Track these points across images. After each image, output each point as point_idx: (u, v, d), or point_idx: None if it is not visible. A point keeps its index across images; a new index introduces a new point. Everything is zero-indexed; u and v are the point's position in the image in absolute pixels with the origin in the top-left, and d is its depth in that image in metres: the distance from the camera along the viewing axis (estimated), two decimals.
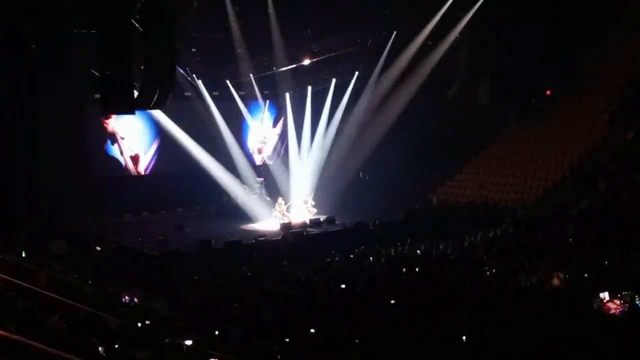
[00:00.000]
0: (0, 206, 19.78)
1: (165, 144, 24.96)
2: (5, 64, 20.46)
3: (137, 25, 16.26)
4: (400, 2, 25.66)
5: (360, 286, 14.82)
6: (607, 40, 28.34)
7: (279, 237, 21.14)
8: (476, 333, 11.41)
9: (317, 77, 27.38)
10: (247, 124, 27.91)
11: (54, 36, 20.45)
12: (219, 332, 11.82)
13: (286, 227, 22.05)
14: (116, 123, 24.51)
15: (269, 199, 24.72)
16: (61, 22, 19.66)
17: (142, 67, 15.88)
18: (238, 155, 25.19)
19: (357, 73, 27.47)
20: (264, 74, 26.11)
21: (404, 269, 16.75)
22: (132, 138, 25.06)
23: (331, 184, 26.22)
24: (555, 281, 13.22)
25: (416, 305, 13.11)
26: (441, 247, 19.08)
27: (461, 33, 26.15)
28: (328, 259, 17.98)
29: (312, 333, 11.70)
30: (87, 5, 16.46)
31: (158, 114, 23.17)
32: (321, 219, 23.34)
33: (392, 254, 18.60)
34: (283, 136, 28.38)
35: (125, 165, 24.99)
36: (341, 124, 27.68)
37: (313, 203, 24.79)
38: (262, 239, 20.61)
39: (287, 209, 23.82)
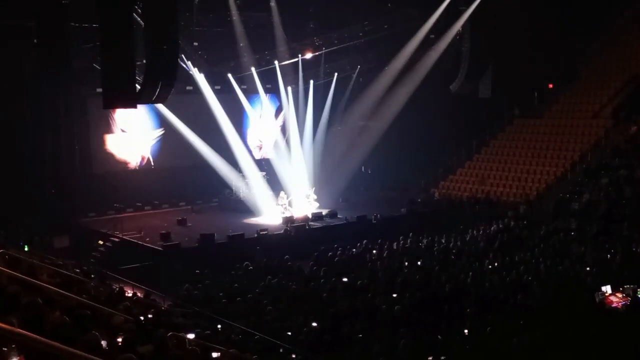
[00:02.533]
0: (3, 201, 19.80)
1: (168, 138, 24.90)
2: (7, 58, 20.47)
3: (139, 19, 16.29)
4: None
5: (362, 280, 14.85)
6: (610, 34, 28.22)
7: (282, 231, 21.15)
8: (478, 326, 11.45)
9: (319, 71, 27.31)
10: (248, 118, 27.87)
11: (56, 30, 20.44)
12: (221, 326, 11.86)
13: (288, 221, 22.04)
14: (118, 117, 24.48)
15: (271, 192, 24.69)
16: (63, 16, 19.68)
17: (144, 61, 15.90)
18: (239, 149, 25.13)
19: (359, 67, 27.39)
20: (265, 67, 26.06)
21: (406, 263, 16.80)
22: (134, 132, 25.03)
23: (333, 177, 26.17)
24: None
25: (418, 299, 13.15)
26: (443, 241, 19.12)
27: (463, 27, 26.01)
28: (330, 253, 18.00)
29: (314, 327, 11.72)
30: None
31: (160, 107, 23.14)
32: (323, 213, 23.31)
33: (394, 247, 18.63)
34: (284, 130, 28.33)
35: (128, 159, 24.96)
36: (343, 117, 27.62)
37: (315, 197, 24.76)
38: (264, 233, 20.61)
39: (289, 203, 23.80)
